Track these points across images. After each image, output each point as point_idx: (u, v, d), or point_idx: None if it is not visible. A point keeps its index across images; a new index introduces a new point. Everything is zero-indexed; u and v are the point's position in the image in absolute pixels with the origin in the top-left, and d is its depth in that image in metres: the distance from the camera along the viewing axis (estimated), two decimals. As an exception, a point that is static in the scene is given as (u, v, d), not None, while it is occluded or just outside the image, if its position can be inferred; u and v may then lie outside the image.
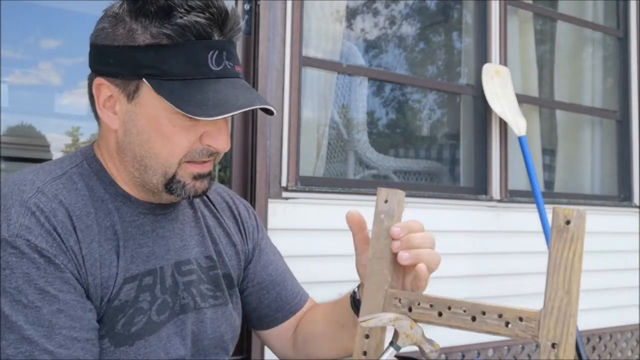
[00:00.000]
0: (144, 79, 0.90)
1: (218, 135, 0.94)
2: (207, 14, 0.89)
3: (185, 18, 0.88)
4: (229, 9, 0.93)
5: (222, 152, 0.98)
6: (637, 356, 3.29)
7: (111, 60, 0.92)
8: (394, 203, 0.80)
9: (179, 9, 0.88)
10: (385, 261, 0.81)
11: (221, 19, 0.91)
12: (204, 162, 0.97)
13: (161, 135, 0.92)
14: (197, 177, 0.97)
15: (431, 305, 0.79)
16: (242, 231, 1.18)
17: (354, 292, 1.10)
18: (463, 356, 2.62)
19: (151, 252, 1.00)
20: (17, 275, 0.84)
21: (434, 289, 2.87)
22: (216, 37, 0.91)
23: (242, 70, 0.97)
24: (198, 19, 0.88)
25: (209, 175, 0.99)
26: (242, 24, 0.98)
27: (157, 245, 1.01)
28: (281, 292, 1.22)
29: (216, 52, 0.91)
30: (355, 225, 0.99)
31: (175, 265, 1.03)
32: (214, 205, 1.16)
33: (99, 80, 0.94)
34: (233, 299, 1.12)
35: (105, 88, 0.94)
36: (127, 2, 0.92)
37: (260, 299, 1.19)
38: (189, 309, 1.03)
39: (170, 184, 0.95)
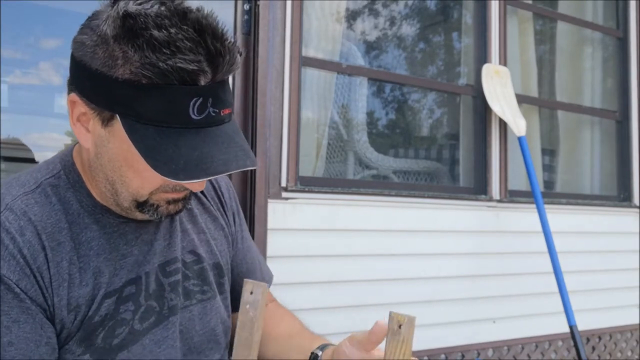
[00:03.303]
0: (117, 116, 0.83)
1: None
2: (197, 58, 0.80)
3: (169, 62, 0.78)
4: (226, 48, 0.82)
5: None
6: (637, 356, 3.29)
7: (87, 83, 0.85)
8: (259, 294, 0.85)
9: (164, 49, 0.78)
10: (249, 349, 0.85)
11: (213, 63, 0.81)
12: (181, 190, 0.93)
13: (132, 169, 0.87)
14: (172, 201, 0.94)
15: None
16: (226, 213, 1.16)
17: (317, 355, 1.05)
18: (463, 356, 2.62)
19: (136, 260, 0.97)
20: None
21: (434, 289, 2.88)
22: (203, 82, 0.81)
23: (233, 109, 0.88)
24: (182, 65, 0.78)
25: (183, 200, 0.95)
26: (239, 60, 0.86)
27: (142, 252, 0.98)
28: (253, 279, 1.20)
29: (200, 100, 0.81)
30: (375, 337, 0.87)
31: (160, 267, 1.00)
32: None
33: (73, 97, 0.87)
34: (222, 290, 1.11)
35: (80, 106, 0.87)
36: (115, 21, 0.82)
37: (234, 287, 1.16)
38: (177, 309, 1.01)
39: (143, 206, 0.92)
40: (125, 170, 0.88)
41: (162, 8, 0.82)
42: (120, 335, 0.93)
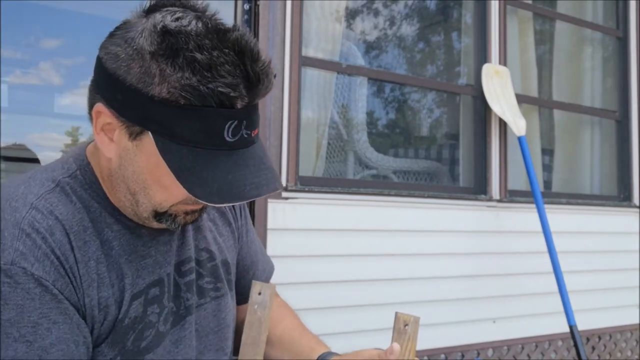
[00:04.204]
0: (150, 133, 0.83)
1: None
2: (235, 81, 0.79)
3: (210, 86, 0.77)
4: (264, 72, 0.82)
5: None
6: (636, 356, 3.29)
7: (119, 96, 0.83)
8: (267, 295, 0.88)
9: (205, 72, 0.77)
10: (256, 348, 0.88)
11: (251, 88, 0.81)
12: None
13: (158, 184, 0.87)
14: (190, 212, 0.94)
15: None
16: (234, 207, 1.17)
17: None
18: (463, 356, 2.62)
19: (155, 261, 0.97)
20: (10, 306, 0.80)
21: (434, 289, 2.87)
22: (239, 105, 0.81)
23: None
24: (223, 90, 0.78)
25: (200, 210, 0.96)
26: (273, 81, 0.85)
27: (160, 253, 0.98)
28: (256, 272, 1.22)
29: (235, 123, 0.81)
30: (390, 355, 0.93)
31: (175, 267, 1.00)
32: None
33: (100, 107, 0.86)
34: (232, 286, 1.11)
35: (106, 116, 0.86)
36: (152, 35, 0.81)
37: (239, 279, 1.17)
38: (192, 309, 1.01)
39: (161, 216, 0.92)
40: (150, 184, 0.87)
41: (200, 25, 0.81)
42: (148, 337, 0.93)
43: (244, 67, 0.80)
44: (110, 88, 0.84)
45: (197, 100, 0.78)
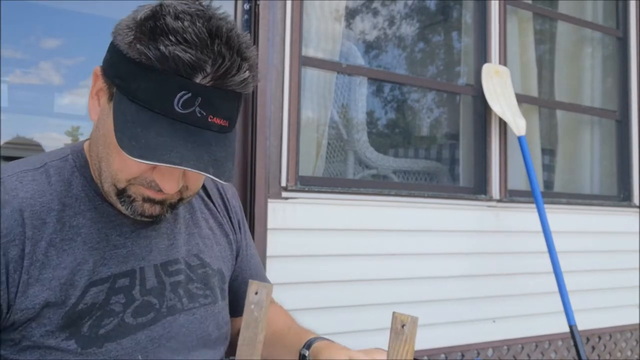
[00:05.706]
0: (115, 88, 0.87)
1: (167, 177, 0.89)
2: (197, 55, 0.81)
3: (169, 48, 0.81)
4: (234, 59, 0.84)
5: (171, 194, 0.93)
6: (636, 356, 3.29)
7: (108, 56, 0.90)
8: (264, 294, 0.87)
9: (170, 36, 0.81)
10: (253, 348, 0.87)
11: (217, 69, 0.83)
12: (157, 191, 0.92)
13: (117, 149, 0.87)
14: (148, 199, 0.93)
15: None
16: (231, 220, 1.17)
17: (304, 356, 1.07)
18: (463, 356, 2.62)
19: (130, 252, 0.97)
20: None
21: (434, 288, 2.87)
22: (199, 80, 0.82)
23: (232, 126, 0.89)
24: (180, 55, 0.81)
25: (160, 204, 0.95)
26: (249, 80, 0.88)
27: (138, 246, 0.98)
28: None
29: (188, 95, 0.82)
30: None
31: (162, 266, 1.01)
32: (207, 192, 1.14)
33: (98, 69, 0.93)
34: (225, 296, 1.11)
35: (100, 80, 0.92)
36: (146, 11, 0.87)
37: (236, 292, 1.17)
38: (176, 310, 1.01)
39: (121, 195, 0.92)
40: (112, 149, 0.89)
41: (195, 8, 0.86)
42: (107, 326, 0.93)
43: (212, 46, 0.82)
44: (108, 51, 0.91)
45: (158, 62, 0.82)
